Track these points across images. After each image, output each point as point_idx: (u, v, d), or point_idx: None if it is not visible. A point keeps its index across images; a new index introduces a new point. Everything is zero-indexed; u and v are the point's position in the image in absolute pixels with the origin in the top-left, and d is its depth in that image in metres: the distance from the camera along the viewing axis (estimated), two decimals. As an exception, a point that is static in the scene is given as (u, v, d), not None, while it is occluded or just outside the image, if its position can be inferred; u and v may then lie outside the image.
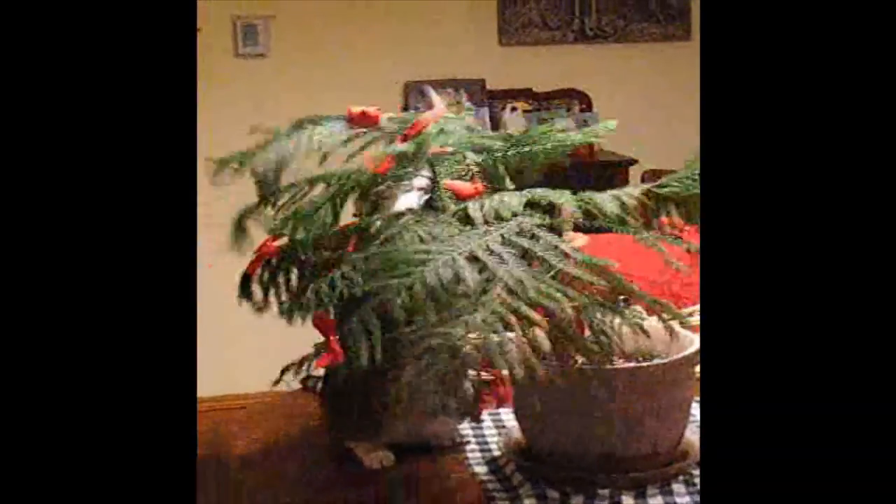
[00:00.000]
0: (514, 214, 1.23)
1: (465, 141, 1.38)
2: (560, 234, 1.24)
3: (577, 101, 4.53)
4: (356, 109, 1.40)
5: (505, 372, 1.28)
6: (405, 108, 4.10)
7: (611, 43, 4.64)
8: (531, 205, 1.26)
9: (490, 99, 4.40)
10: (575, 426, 1.31)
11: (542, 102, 4.52)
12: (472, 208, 1.25)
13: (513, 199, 1.25)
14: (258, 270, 1.34)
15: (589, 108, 4.53)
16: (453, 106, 1.47)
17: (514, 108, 4.42)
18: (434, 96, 1.50)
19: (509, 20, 4.56)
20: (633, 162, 4.17)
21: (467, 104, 1.72)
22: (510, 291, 1.12)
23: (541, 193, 1.27)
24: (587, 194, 1.28)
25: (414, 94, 4.23)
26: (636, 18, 4.65)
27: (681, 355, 1.33)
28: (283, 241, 1.35)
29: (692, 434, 1.40)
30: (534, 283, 1.12)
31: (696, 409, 1.48)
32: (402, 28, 4.42)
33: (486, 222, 1.23)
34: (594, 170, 4.05)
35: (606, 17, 4.63)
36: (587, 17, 4.62)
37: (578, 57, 4.61)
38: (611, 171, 4.11)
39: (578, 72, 4.58)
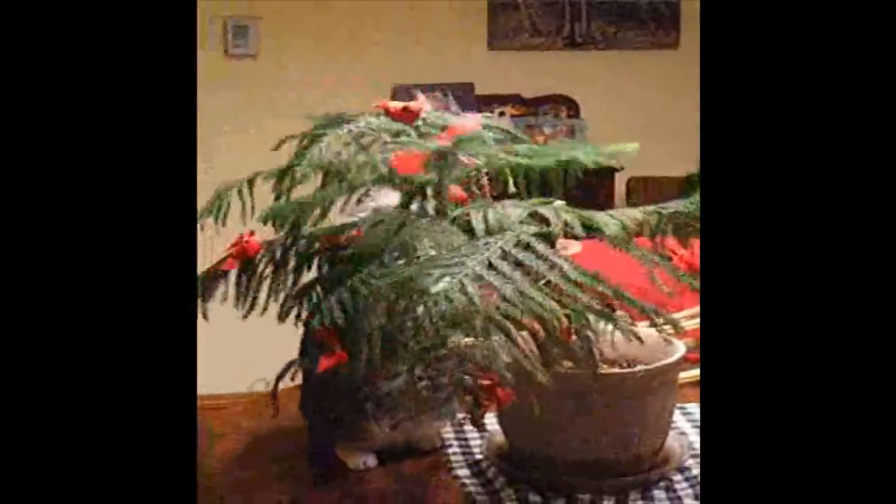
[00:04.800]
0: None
1: (496, 157, 1.34)
2: (553, 243, 1.25)
3: (564, 106, 4.54)
4: (394, 105, 1.33)
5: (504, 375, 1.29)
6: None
7: (600, 50, 4.65)
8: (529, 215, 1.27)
9: (478, 103, 4.41)
10: (558, 430, 1.32)
11: (530, 108, 4.53)
12: (476, 219, 1.25)
13: (515, 211, 1.26)
14: (234, 270, 1.32)
15: (576, 114, 4.55)
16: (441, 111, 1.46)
17: (502, 114, 4.43)
18: (423, 100, 1.49)
19: (499, 25, 4.57)
20: (618, 169, 4.19)
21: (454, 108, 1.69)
22: (505, 300, 1.14)
23: (540, 207, 1.27)
24: (588, 213, 1.28)
25: (402, 97, 4.21)
26: (626, 26, 4.67)
27: (665, 362, 1.34)
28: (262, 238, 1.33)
29: (673, 440, 1.40)
30: (530, 294, 1.14)
31: (677, 416, 1.49)
32: (391, 31, 4.42)
33: (489, 233, 1.23)
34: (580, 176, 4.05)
35: (596, 24, 4.65)
36: (577, 24, 4.63)
37: (567, 63, 4.62)
38: (595, 178, 4.11)
39: (567, 78, 4.60)
